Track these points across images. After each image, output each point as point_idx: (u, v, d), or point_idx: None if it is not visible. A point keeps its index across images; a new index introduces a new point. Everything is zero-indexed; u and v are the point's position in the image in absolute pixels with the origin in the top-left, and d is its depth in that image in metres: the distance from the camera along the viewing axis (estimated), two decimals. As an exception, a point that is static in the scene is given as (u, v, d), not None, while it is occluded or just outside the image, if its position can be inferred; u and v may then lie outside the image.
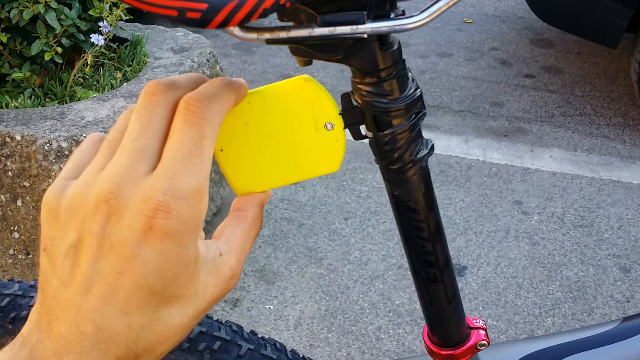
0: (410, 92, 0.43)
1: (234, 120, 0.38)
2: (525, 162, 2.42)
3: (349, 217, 2.12)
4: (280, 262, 1.93)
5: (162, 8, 0.32)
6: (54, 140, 1.45)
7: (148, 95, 0.32)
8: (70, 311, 0.30)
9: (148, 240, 0.29)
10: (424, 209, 0.51)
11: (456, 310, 0.61)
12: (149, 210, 0.29)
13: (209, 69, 1.93)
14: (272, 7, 0.33)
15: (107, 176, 0.30)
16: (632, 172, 2.34)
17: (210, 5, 0.31)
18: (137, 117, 0.32)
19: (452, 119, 2.75)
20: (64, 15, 1.68)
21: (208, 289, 0.33)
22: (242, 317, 1.74)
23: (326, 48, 0.40)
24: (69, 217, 0.31)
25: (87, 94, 1.69)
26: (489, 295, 1.80)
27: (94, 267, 0.30)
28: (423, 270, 0.56)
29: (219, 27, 0.33)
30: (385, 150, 0.46)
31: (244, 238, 0.36)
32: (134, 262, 0.29)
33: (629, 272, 1.87)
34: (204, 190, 0.31)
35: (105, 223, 0.29)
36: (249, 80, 3.12)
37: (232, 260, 0.34)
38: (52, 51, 1.66)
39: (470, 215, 2.12)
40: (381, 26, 0.37)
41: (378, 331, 1.69)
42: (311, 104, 0.39)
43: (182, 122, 0.31)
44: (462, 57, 3.32)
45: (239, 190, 0.40)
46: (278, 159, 0.40)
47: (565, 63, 3.20)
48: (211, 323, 0.64)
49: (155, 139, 0.31)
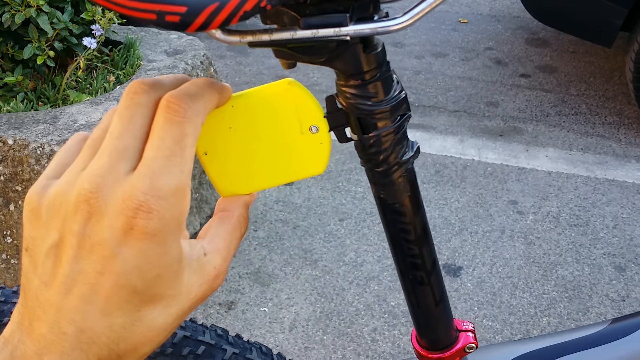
0: (395, 94, 0.43)
1: (218, 123, 0.38)
2: (520, 161, 2.42)
3: (344, 218, 2.12)
4: (275, 264, 1.93)
5: (141, 12, 0.32)
6: (46, 144, 1.45)
7: (130, 94, 0.32)
8: (51, 311, 0.30)
9: (128, 240, 0.29)
10: (410, 211, 0.51)
11: (444, 313, 0.60)
12: (129, 210, 0.29)
13: (203, 71, 1.92)
14: (252, 9, 0.32)
15: (88, 176, 0.30)
16: (627, 171, 2.34)
17: (190, 8, 0.31)
18: (118, 116, 0.32)
19: (448, 119, 2.75)
20: (56, 18, 1.68)
21: (192, 288, 0.32)
22: (237, 320, 1.73)
23: (309, 50, 0.39)
24: (50, 216, 0.31)
25: (80, 97, 1.68)
26: (484, 296, 1.80)
27: (74, 267, 0.29)
28: (410, 272, 0.56)
29: (198, 30, 0.32)
30: (371, 153, 0.45)
31: (228, 238, 0.36)
32: (115, 262, 0.29)
33: (624, 271, 1.87)
34: (186, 189, 0.31)
35: (86, 223, 0.29)
36: (244, 82, 3.12)
37: (216, 259, 0.34)
38: (44, 55, 1.66)
39: (466, 216, 2.12)
40: (364, 28, 0.37)
41: (373, 333, 1.69)
42: (295, 107, 0.39)
43: (163, 120, 0.31)
44: (458, 57, 3.32)
45: (223, 193, 0.40)
46: (263, 162, 0.40)
47: (560, 62, 3.20)
48: (195, 327, 0.64)
49: (137, 138, 0.31)
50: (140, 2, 0.31)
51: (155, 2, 0.31)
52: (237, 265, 1.92)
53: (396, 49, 3.43)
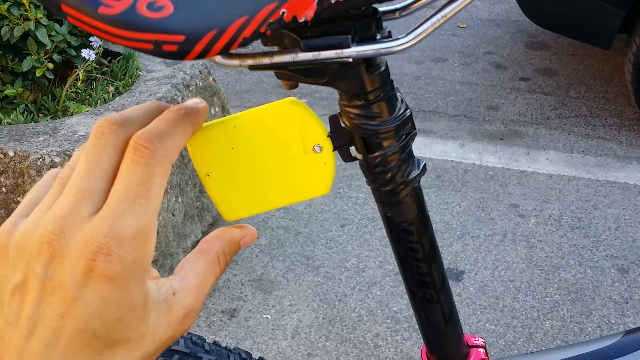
0: (400, 112, 0.42)
1: (220, 144, 0.38)
2: (521, 165, 2.42)
3: (346, 224, 2.12)
4: (277, 271, 1.93)
5: (137, 42, 0.31)
6: (46, 155, 1.45)
7: (98, 134, 0.31)
8: (12, 354, 0.30)
9: (89, 283, 0.28)
10: (418, 229, 0.50)
11: (454, 330, 0.60)
12: (89, 253, 0.28)
13: (202, 81, 1.93)
14: (252, 35, 0.32)
15: (51, 217, 0.30)
16: (628, 173, 2.33)
17: (188, 36, 0.31)
18: (85, 156, 0.31)
19: (448, 123, 2.75)
20: (55, 31, 1.69)
21: (159, 330, 0.32)
22: (239, 327, 1.73)
23: (311, 72, 0.39)
24: (16, 256, 0.30)
25: (80, 108, 1.69)
26: (487, 300, 1.79)
27: (36, 310, 0.29)
28: (419, 291, 0.55)
29: (197, 59, 0.32)
30: (377, 173, 0.45)
31: (202, 275, 0.34)
32: (75, 305, 0.29)
33: (627, 273, 1.86)
34: (149, 232, 0.30)
35: (48, 265, 0.29)
36: (245, 90, 3.13)
37: (186, 298, 0.33)
38: (43, 67, 1.67)
39: (467, 220, 2.12)
40: (366, 49, 0.37)
41: (376, 338, 1.69)
42: (299, 126, 0.38)
43: (130, 162, 0.30)
44: (457, 62, 3.33)
45: (227, 216, 0.39)
46: (266, 183, 0.39)
47: (560, 65, 3.20)
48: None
49: (103, 179, 0.31)
50: (136, 32, 0.31)
51: (151, 31, 0.31)
52: (239, 273, 1.92)
53: (395, 55, 3.43)
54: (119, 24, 0.31)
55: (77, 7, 0.31)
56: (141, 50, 0.32)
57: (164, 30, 0.31)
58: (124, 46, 0.32)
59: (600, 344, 0.61)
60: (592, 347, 0.61)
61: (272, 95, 3.07)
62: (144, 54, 0.32)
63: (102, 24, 0.31)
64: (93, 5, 0.31)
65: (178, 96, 1.79)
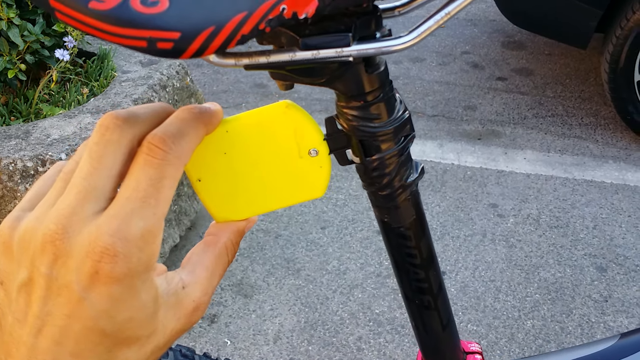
0: (399, 114, 0.41)
1: (212, 149, 0.36)
2: (499, 164, 2.43)
3: (326, 226, 2.10)
4: (257, 275, 1.91)
5: (130, 39, 0.29)
6: (18, 160, 1.41)
7: (102, 129, 0.30)
8: (23, 350, 0.29)
9: (95, 284, 0.28)
10: (415, 235, 0.49)
11: (451, 336, 0.58)
12: (94, 254, 0.28)
13: (179, 81, 1.90)
14: (250, 32, 0.30)
15: (54, 215, 0.29)
16: (604, 172, 2.36)
17: (184, 33, 0.29)
18: (88, 152, 0.30)
19: (427, 123, 2.75)
20: (28, 31, 1.65)
21: (169, 324, 0.31)
22: (220, 333, 1.71)
23: (309, 72, 0.37)
24: (20, 252, 0.30)
25: (53, 110, 1.65)
26: (468, 300, 1.79)
27: (43, 309, 0.29)
28: (416, 297, 0.54)
29: (193, 57, 0.31)
30: (374, 176, 0.43)
31: (211, 267, 0.34)
32: (82, 305, 0.28)
33: (605, 272, 1.88)
34: (156, 233, 0.30)
35: (52, 265, 0.29)
36: (222, 90, 3.09)
37: (196, 292, 0.33)
38: (16, 68, 1.62)
39: (447, 220, 2.12)
40: (368, 48, 0.35)
41: (359, 341, 1.68)
42: (294, 130, 0.37)
43: (143, 162, 0.30)
44: (435, 62, 3.34)
45: (219, 219, 0.38)
46: (260, 188, 0.38)
47: (536, 65, 3.22)
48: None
49: (107, 177, 0.30)
50: (129, 29, 0.29)
51: (145, 27, 0.29)
52: (218, 277, 1.89)
53: (373, 55, 3.43)
54: (110, 19, 0.29)
55: (66, 2, 0.29)
56: (134, 48, 0.30)
57: (159, 27, 0.29)
58: (116, 44, 0.30)
59: (596, 348, 0.60)
60: (588, 350, 0.61)
61: (250, 95, 3.04)
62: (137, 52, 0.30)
63: (92, 20, 0.29)
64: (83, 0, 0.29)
65: (154, 97, 1.76)
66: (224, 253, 0.35)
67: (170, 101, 1.84)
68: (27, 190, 1.41)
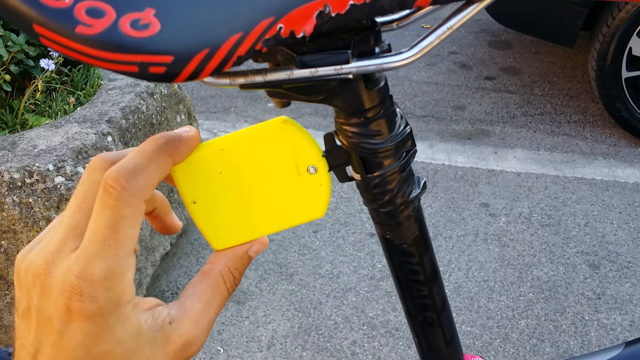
0: (400, 130, 0.40)
1: (207, 169, 0.35)
2: (489, 164, 2.43)
3: (318, 229, 2.09)
4: (250, 281, 1.89)
5: (120, 64, 0.28)
6: (5, 171, 1.39)
7: (89, 170, 0.32)
8: None
9: (69, 320, 0.29)
10: (418, 251, 0.47)
11: (455, 353, 0.57)
12: (65, 292, 0.29)
13: (167, 88, 1.88)
14: (247, 53, 0.29)
15: (42, 251, 0.31)
16: (594, 168, 2.37)
17: (177, 57, 0.28)
18: (76, 192, 0.32)
19: (416, 124, 2.75)
20: (11, 41, 1.63)
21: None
22: (212, 340, 1.69)
23: (307, 90, 0.36)
24: (23, 283, 0.32)
25: (40, 121, 1.63)
26: (461, 301, 1.79)
27: (36, 337, 0.31)
28: (419, 314, 0.52)
29: (187, 80, 0.29)
30: (375, 193, 0.42)
31: (205, 298, 0.33)
32: (62, 337, 0.30)
33: (598, 269, 1.88)
34: (121, 272, 0.30)
35: (40, 297, 0.30)
36: (210, 95, 3.08)
37: (184, 326, 0.32)
38: (0, 79, 1.60)
39: (439, 221, 2.12)
40: (367, 65, 0.34)
41: (353, 346, 1.67)
42: (292, 147, 0.36)
43: (99, 204, 0.30)
44: (423, 63, 3.34)
45: (216, 245, 0.37)
46: (258, 208, 0.37)
47: (523, 63, 3.23)
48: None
49: (88, 217, 0.31)
50: (119, 54, 0.28)
51: (135, 52, 0.28)
52: (211, 284, 1.88)
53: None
54: (99, 44, 0.28)
55: (51, 27, 0.28)
56: (125, 74, 0.29)
57: (150, 51, 0.28)
58: (106, 69, 0.29)
59: (601, 357, 0.59)
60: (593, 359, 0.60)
61: (238, 100, 3.03)
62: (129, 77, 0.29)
63: (79, 45, 0.28)
64: (70, 24, 0.27)
65: (142, 105, 1.74)
66: (221, 282, 0.34)
67: (159, 108, 1.83)
68: (14, 202, 1.39)
